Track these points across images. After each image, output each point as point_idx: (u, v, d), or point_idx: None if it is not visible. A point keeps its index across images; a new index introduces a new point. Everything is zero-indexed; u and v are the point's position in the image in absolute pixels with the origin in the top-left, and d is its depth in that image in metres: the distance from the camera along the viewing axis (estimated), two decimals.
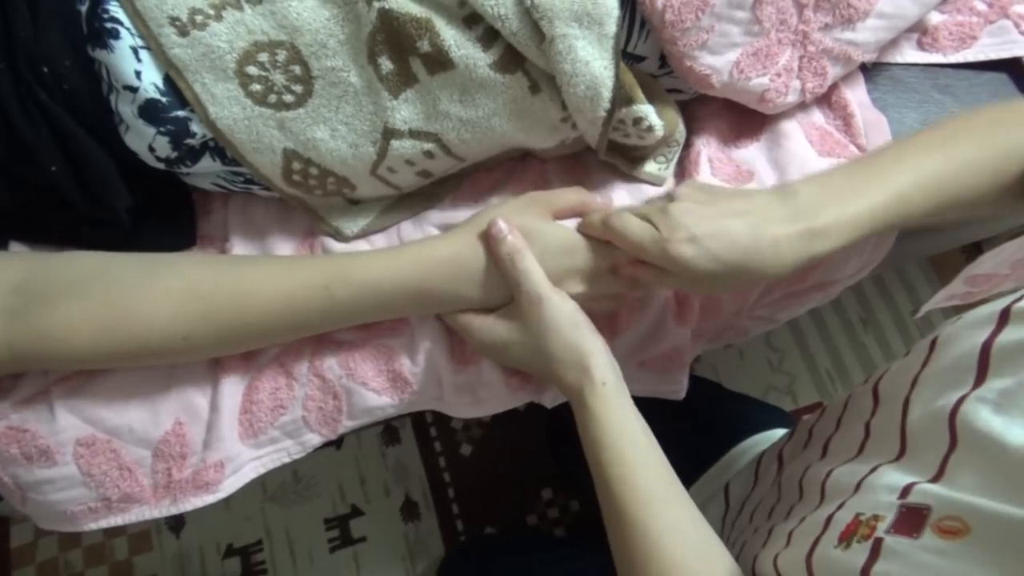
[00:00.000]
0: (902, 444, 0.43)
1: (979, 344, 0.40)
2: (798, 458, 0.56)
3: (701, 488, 0.80)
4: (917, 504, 0.38)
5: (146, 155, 0.58)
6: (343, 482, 1.34)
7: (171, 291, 0.53)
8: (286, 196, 0.63)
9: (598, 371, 0.54)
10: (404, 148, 0.59)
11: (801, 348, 1.43)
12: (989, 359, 0.39)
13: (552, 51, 0.54)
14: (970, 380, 0.39)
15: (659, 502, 0.50)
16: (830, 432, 0.53)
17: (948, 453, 0.38)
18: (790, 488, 0.54)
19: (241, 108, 0.56)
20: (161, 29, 0.53)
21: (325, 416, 0.63)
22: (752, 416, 0.86)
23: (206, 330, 0.54)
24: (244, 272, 0.55)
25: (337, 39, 0.54)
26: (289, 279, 0.55)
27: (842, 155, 0.68)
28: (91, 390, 0.59)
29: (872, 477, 0.43)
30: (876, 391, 0.49)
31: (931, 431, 0.40)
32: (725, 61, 0.62)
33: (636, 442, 0.52)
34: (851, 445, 0.49)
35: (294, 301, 0.55)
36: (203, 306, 0.53)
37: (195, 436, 0.61)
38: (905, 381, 0.45)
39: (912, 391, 0.44)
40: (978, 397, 0.38)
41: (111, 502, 0.60)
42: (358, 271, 0.55)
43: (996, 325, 0.40)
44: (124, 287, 0.52)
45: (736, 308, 0.69)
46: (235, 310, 0.54)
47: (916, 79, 0.74)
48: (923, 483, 0.39)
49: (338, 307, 0.55)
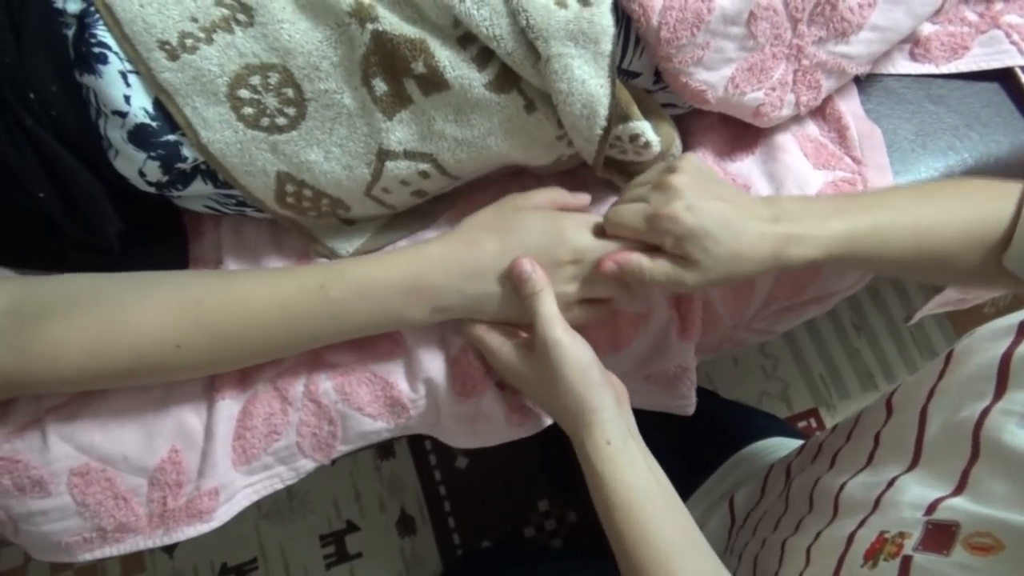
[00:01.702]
0: (916, 453, 0.43)
1: (998, 356, 0.40)
2: (807, 471, 0.56)
3: (700, 498, 0.80)
4: (945, 521, 0.38)
5: (136, 180, 0.57)
6: (338, 497, 1.33)
7: (164, 299, 0.52)
8: (280, 218, 0.62)
9: (600, 429, 0.53)
10: (399, 169, 0.58)
11: (795, 354, 1.44)
12: (1009, 371, 0.39)
13: (548, 70, 0.53)
14: (989, 391, 0.39)
15: (677, 557, 0.49)
16: (840, 444, 0.54)
17: (969, 465, 0.38)
18: (799, 500, 0.54)
19: (233, 131, 0.55)
20: (151, 53, 0.52)
21: (319, 441, 0.63)
22: (748, 425, 0.86)
23: (201, 339, 0.52)
24: (239, 279, 0.55)
25: (330, 61, 0.53)
26: (283, 282, 0.54)
27: (837, 167, 0.68)
28: (85, 417, 0.58)
29: (891, 493, 0.43)
30: (890, 403, 0.49)
31: (951, 442, 0.40)
32: (720, 76, 0.61)
33: (648, 497, 0.51)
34: (860, 456, 0.49)
35: (288, 303, 0.53)
36: (197, 313, 0.52)
37: (190, 463, 0.60)
38: (921, 392, 0.45)
39: (929, 402, 0.44)
40: (1003, 410, 0.38)
41: (106, 532, 0.59)
42: (352, 270, 0.55)
43: (1015, 337, 0.40)
44: (116, 300, 0.51)
45: (734, 322, 0.69)
46: (230, 316, 0.53)
47: (909, 90, 0.74)
48: (948, 498, 0.38)
49: (334, 309, 0.54)
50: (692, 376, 0.69)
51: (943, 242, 0.55)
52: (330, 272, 0.54)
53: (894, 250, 0.54)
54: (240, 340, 0.54)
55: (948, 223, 0.55)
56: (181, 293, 0.52)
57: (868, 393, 1.41)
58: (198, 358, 0.54)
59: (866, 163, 0.69)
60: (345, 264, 0.56)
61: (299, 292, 0.53)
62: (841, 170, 0.68)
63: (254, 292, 0.53)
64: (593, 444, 0.52)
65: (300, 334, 0.55)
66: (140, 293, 0.52)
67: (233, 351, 0.55)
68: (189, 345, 0.52)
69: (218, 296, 0.53)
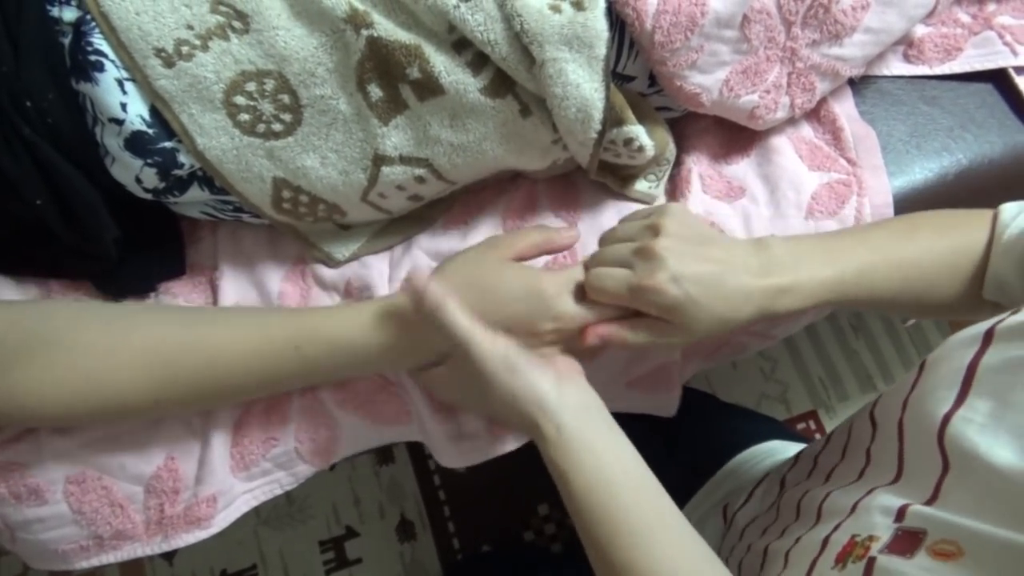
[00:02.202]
0: (899, 468, 0.43)
1: (965, 364, 0.40)
2: (801, 485, 0.56)
3: (698, 503, 0.80)
4: (914, 528, 0.38)
5: (133, 186, 0.57)
6: (337, 503, 1.32)
7: (136, 357, 0.51)
8: (276, 223, 0.62)
9: (545, 418, 0.49)
10: (395, 174, 0.58)
11: (793, 356, 1.44)
12: (973, 378, 0.39)
13: (542, 75, 0.53)
14: (951, 398, 0.40)
15: (645, 537, 0.46)
16: (836, 461, 0.53)
17: (942, 476, 0.39)
18: (787, 510, 0.54)
19: (229, 138, 0.55)
20: (147, 61, 0.52)
21: (318, 447, 0.63)
22: (745, 429, 0.86)
23: (176, 392, 0.53)
24: (211, 331, 0.54)
25: (326, 67, 0.54)
26: (257, 338, 0.53)
27: (832, 169, 0.68)
28: (81, 427, 0.58)
29: (867, 499, 0.43)
30: (873, 416, 0.49)
31: (924, 453, 0.40)
32: (715, 80, 0.61)
33: (612, 480, 0.48)
34: (852, 472, 0.49)
35: (264, 360, 0.53)
36: (170, 370, 0.52)
37: (187, 471, 0.60)
38: (897, 404, 0.45)
39: (904, 414, 0.44)
40: (963, 417, 0.38)
41: (103, 540, 0.59)
42: (327, 329, 0.54)
43: (981, 345, 0.41)
44: (90, 354, 0.51)
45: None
46: (203, 372, 0.53)
47: (903, 91, 0.74)
48: (917, 505, 0.39)
49: (310, 365, 0.54)
50: (675, 379, 0.69)
51: (927, 277, 0.55)
52: (304, 331, 0.54)
53: (880, 290, 0.54)
54: (215, 391, 0.54)
55: (931, 258, 0.55)
56: (155, 348, 0.52)
57: (867, 395, 1.41)
58: (175, 406, 0.55)
59: (861, 164, 0.69)
60: (321, 321, 0.54)
61: (273, 351, 0.53)
62: (836, 172, 0.68)
63: (228, 348, 0.53)
64: (543, 437, 0.49)
65: (275, 384, 0.56)
66: (117, 344, 0.51)
67: (209, 399, 0.56)
68: (166, 398, 0.53)
69: (192, 352, 0.53)
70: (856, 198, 0.67)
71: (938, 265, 0.55)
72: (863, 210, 0.67)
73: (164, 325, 0.54)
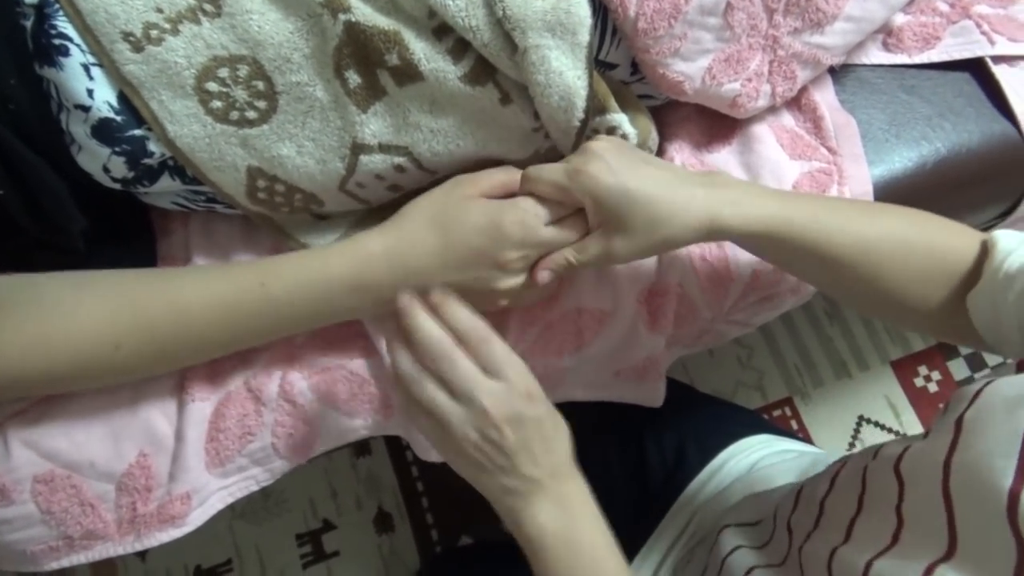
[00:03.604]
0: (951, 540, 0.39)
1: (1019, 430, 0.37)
2: (816, 537, 0.52)
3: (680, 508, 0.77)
4: None
5: (101, 176, 0.55)
6: (314, 496, 1.31)
7: (100, 299, 0.50)
8: (251, 214, 0.61)
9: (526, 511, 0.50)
10: (374, 163, 0.57)
11: (769, 344, 1.44)
12: None
13: (525, 62, 0.52)
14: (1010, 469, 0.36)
15: None
16: (852, 513, 0.49)
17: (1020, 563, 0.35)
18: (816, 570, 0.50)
19: (201, 126, 0.53)
20: (114, 45, 0.50)
21: (296, 442, 0.62)
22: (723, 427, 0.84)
23: (140, 339, 0.51)
24: (177, 278, 0.53)
25: (302, 53, 0.52)
26: (222, 280, 0.53)
27: (813, 157, 0.68)
28: (48, 423, 0.56)
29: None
30: (899, 472, 0.45)
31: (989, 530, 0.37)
32: (697, 68, 0.61)
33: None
34: (883, 532, 0.45)
35: (228, 301, 0.52)
36: (135, 312, 0.50)
37: (160, 468, 0.59)
38: (935, 465, 0.41)
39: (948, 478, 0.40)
40: None
41: (73, 540, 0.58)
42: (292, 266, 0.53)
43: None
44: (54, 300, 0.50)
45: (713, 313, 0.68)
46: (168, 314, 0.51)
47: (883, 80, 0.74)
48: None
49: (274, 305, 0.53)
50: (661, 369, 0.69)
51: (880, 253, 0.53)
52: (269, 269, 0.53)
53: (827, 244, 0.52)
54: (180, 339, 0.52)
55: (889, 238, 0.53)
56: (118, 293, 0.51)
57: (842, 380, 1.42)
58: (140, 358, 0.52)
59: (841, 153, 0.69)
60: (285, 260, 0.54)
61: (238, 290, 0.52)
62: (817, 160, 0.68)
63: (192, 291, 0.52)
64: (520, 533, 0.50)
65: (242, 331, 0.54)
66: (77, 293, 0.50)
67: (175, 349, 0.53)
68: (128, 345, 0.51)
69: (157, 295, 0.51)
70: (836, 186, 0.67)
71: (900, 251, 0.53)
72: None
73: (131, 274, 0.53)
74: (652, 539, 0.75)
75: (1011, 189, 0.75)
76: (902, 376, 1.43)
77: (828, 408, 1.40)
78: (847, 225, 0.53)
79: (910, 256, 0.53)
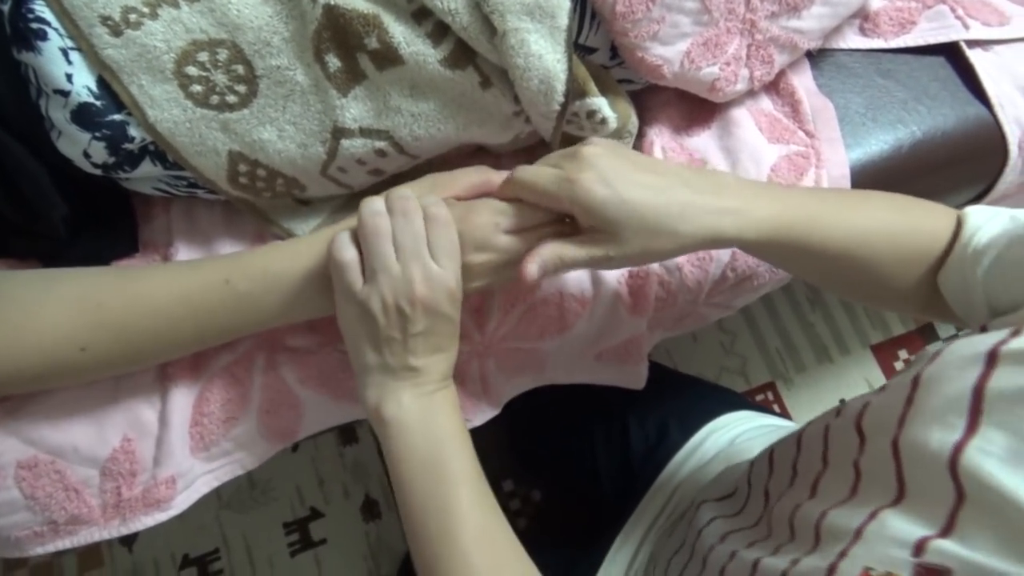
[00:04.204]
0: (900, 487, 0.41)
1: (969, 387, 0.39)
2: (786, 496, 0.53)
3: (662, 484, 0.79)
4: (935, 565, 0.36)
5: (81, 161, 0.55)
6: (301, 485, 1.31)
7: (65, 300, 0.50)
8: (233, 199, 0.61)
9: (380, 398, 0.52)
10: (355, 147, 0.57)
11: (752, 329, 1.46)
12: (982, 404, 0.38)
13: (504, 45, 0.53)
14: (960, 425, 0.38)
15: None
16: (818, 470, 0.51)
17: (956, 507, 0.37)
18: (780, 527, 0.52)
19: (182, 110, 0.53)
20: (92, 29, 0.50)
21: (280, 426, 0.62)
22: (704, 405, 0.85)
23: (106, 338, 0.50)
24: (142, 276, 0.52)
25: (281, 37, 0.52)
26: (188, 278, 0.52)
27: (791, 141, 0.69)
28: (31, 409, 0.56)
29: (875, 524, 0.41)
30: (860, 427, 0.47)
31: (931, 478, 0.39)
32: (676, 51, 0.61)
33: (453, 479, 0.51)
34: (842, 486, 0.47)
35: (194, 299, 0.51)
36: (100, 313, 0.50)
37: (144, 452, 0.59)
38: (890, 420, 0.43)
39: (899, 432, 0.42)
40: (979, 448, 0.37)
41: (58, 525, 0.58)
42: (258, 261, 0.53)
43: (985, 367, 0.39)
44: (18, 302, 0.49)
45: (692, 297, 0.69)
46: (133, 315, 0.50)
47: (859, 64, 0.75)
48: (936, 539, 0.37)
49: (242, 302, 0.52)
50: (643, 351, 0.69)
51: (872, 244, 0.53)
52: (235, 265, 0.52)
53: (826, 242, 0.52)
54: (147, 337, 0.52)
55: (879, 227, 0.54)
56: (83, 293, 0.50)
57: (823, 365, 1.44)
58: (108, 358, 0.52)
59: (819, 136, 0.70)
60: (251, 256, 0.53)
61: (204, 288, 0.52)
62: (795, 144, 0.69)
63: (158, 289, 0.51)
64: (378, 415, 0.52)
65: (209, 328, 0.53)
66: (42, 294, 0.50)
67: (143, 348, 0.53)
68: (95, 346, 0.50)
69: (120, 295, 0.51)
70: (814, 170, 0.68)
71: (884, 237, 0.54)
72: (821, 182, 0.68)
73: (94, 274, 0.52)
74: (635, 515, 0.76)
75: (986, 171, 0.76)
76: (882, 360, 1.45)
77: (810, 392, 1.43)
78: (841, 220, 0.53)
79: (897, 242, 0.54)
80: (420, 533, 0.49)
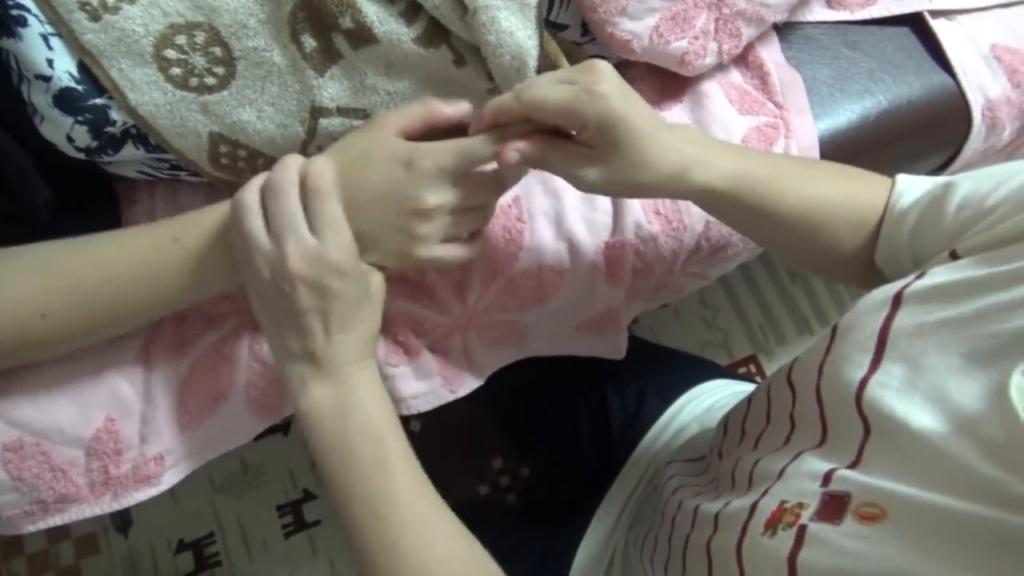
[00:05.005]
0: (823, 431, 0.44)
1: (876, 328, 0.41)
2: (733, 453, 0.56)
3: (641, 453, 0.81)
4: (838, 491, 0.39)
5: (64, 146, 0.56)
6: (293, 467, 1.33)
7: (22, 267, 0.50)
8: (216, 180, 0.62)
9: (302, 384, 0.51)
10: (333, 126, 0.58)
11: (733, 303, 1.48)
12: (886, 343, 0.40)
13: (475, 23, 0.54)
14: (866, 363, 0.40)
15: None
16: (762, 427, 0.53)
17: (864, 440, 0.39)
18: (725, 479, 0.55)
19: (162, 93, 0.54)
20: (71, 15, 0.51)
21: (268, 402, 0.63)
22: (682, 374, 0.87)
23: (64, 304, 0.50)
24: (97, 240, 0.53)
25: (257, 18, 0.53)
26: (139, 238, 0.52)
27: (760, 112, 0.71)
28: (14, 392, 0.57)
29: (795, 464, 0.44)
30: (791, 381, 0.49)
31: (844, 417, 0.41)
32: (645, 26, 0.63)
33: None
34: (780, 437, 0.49)
35: (146, 259, 0.51)
36: (57, 277, 0.50)
37: (129, 431, 0.60)
38: (813, 370, 0.45)
39: (820, 379, 0.44)
40: (879, 382, 0.39)
41: (47, 504, 0.59)
42: (205, 219, 0.52)
43: (891, 309, 0.41)
44: None
45: (668, 267, 0.71)
46: (89, 278, 0.51)
47: (827, 36, 0.77)
48: (842, 469, 0.40)
49: (193, 261, 0.51)
50: (622, 321, 0.71)
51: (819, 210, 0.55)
52: (185, 224, 0.52)
53: (780, 205, 0.54)
54: (104, 302, 0.52)
55: (825, 193, 0.55)
56: (39, 259, 0.51)
57: (804, 337, 1.47)
58: (68, 325, 0.51)
59: (788, 108, 0.71)
60: (199, 214, 0.53)
61: (155, 247, 0.51)
62: (764, 115, 0.71)
63: (111, 252, 0.52)
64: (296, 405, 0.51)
65: (165, 290, 0.53)
66: (2, 264, 0.50)
67: (101, 314, 0.52)
68: (54, 312, 0.50)
69: (75, 258, 0.51)
70: (784, 140, 0.70)
71: (833, 206, 0.55)
72: (790, 151, 0.70)
73: (52, 244, 0.52)
74: (615, 485, 0.78)
75: (951, 138, 0.78)
76: None
77: None
78: (793, 185, 0.54)
79: (840, 211, 0.56)
80: (349, 524, 0.49)
